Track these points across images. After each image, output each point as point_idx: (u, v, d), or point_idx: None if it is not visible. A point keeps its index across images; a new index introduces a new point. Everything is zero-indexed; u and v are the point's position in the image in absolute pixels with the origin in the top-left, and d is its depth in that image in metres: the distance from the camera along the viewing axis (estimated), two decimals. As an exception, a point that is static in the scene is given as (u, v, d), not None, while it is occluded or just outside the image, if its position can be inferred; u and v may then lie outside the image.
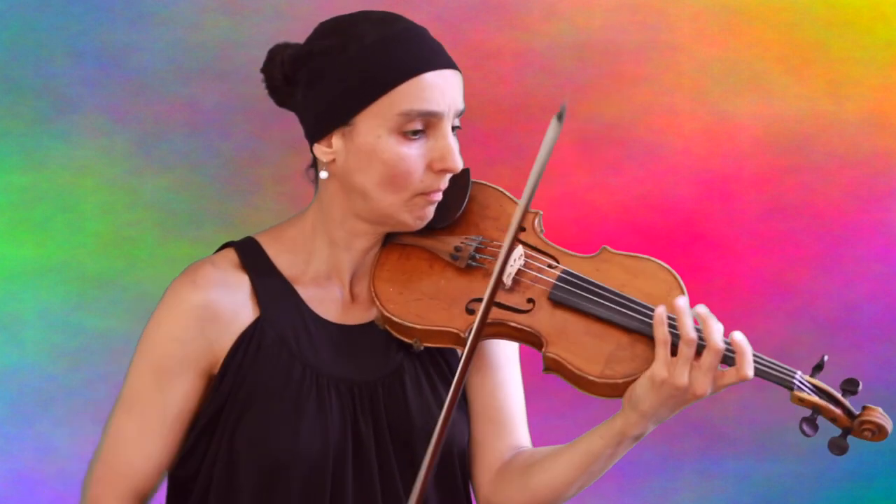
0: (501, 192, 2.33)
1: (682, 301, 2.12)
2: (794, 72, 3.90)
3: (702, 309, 2.12)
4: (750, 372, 2.10)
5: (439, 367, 2.31)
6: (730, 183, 3.92)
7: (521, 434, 2.35)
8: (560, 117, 1.99)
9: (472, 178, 2.33)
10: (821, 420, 2.15)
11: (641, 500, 3.90)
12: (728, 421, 3.90)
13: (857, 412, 2.15)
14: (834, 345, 3.87)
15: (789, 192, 3.92)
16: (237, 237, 2.33)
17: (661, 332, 2.11)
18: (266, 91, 2.28)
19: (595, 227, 3.87)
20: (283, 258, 2.28)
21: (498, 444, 2.33)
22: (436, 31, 2.27)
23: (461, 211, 2.29)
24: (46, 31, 3.71)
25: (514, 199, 2.32)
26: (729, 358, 2.12)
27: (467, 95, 2.25)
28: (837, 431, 2.15)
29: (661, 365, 2.11)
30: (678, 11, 3.88)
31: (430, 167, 2.20)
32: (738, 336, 2.11)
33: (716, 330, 2.10)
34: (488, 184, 2.34)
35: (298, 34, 2.30)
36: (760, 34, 3.90)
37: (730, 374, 2.12)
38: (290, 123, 2.30)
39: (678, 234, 3.90)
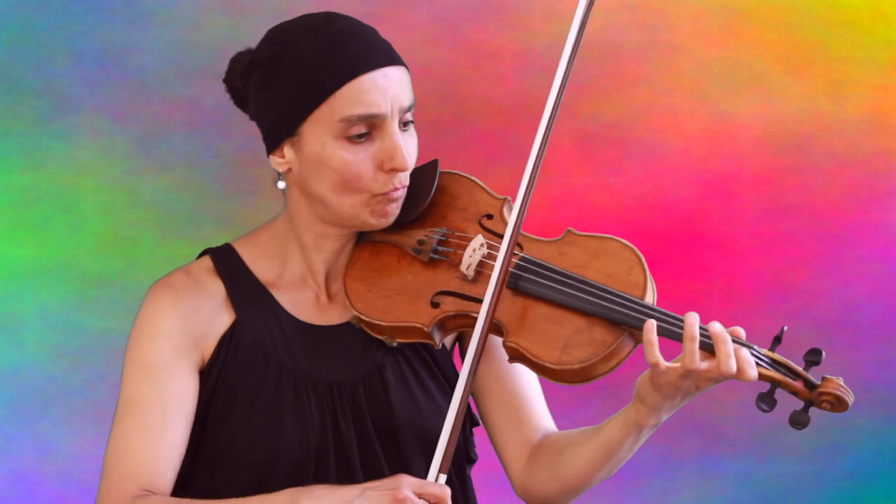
0: (473, 181, 2.32)
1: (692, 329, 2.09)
2: (794, 72, 3.90)
3: (716, 327, 2.09)
4: (753, 374, 2.08)
5: (424, 360, 2.31)
6: (730, 183, 3.92)
7: (541, 416, 2.35)
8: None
9: (445, 169, 2.32)
10: (782, 394, 2.10)
11: (641, 500, 3.90)
12: (728, 421, 3.89)
13: (817, 383, 2.11)
14: (834, 345, 3.87)
15: (789, 192, 3.92)
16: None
17: (651, 353, 2.09)
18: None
19: (595, 227, 3.86)
20: (258, 263, 2.29)
21: (521, 430, 2.33)
22: (436, 31, 2.27)
23: (426, 204, 2.29)
24: (46, 31, 3.71)
25: (486, 187, 2.31)
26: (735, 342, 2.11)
27: (467, 95, 2.25)
28: (798, 405, 2.10)
29: (656, 373, 2.10)
30: (678, 11, 3.88)
31: (380, 168, 2.20)
32: (720, 330, 2.08)
33: (729, 355, 2.07)
34: (461, 173, 2.34)
35: (298, 34, 2.29)
36: (760, 34, 3.90)
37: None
38: (290, 123, 2.29)
39: (678, 234, 3.90)
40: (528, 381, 2.36)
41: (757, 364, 2.11)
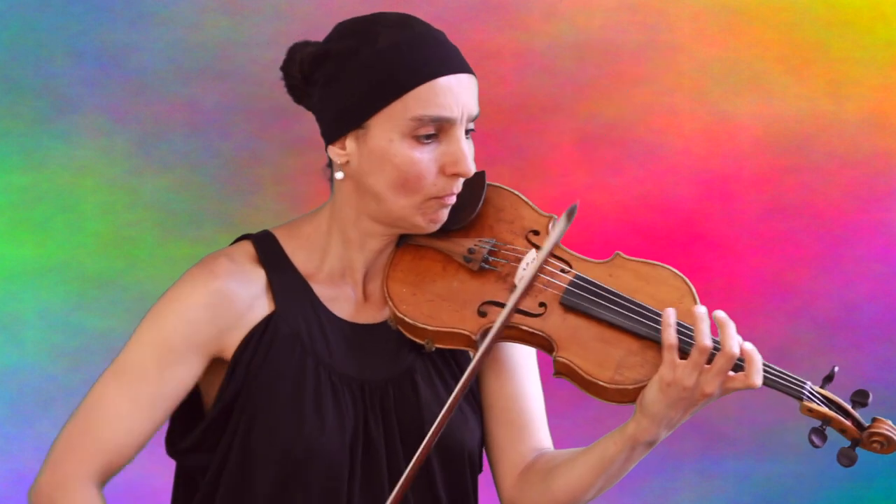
0: (518, 195, 2.34)
1: (700, 310, 2.13)
2: (794, 72, 3.90)
3: (720, 314, 2.13)
4: (758, 380, 2.11)
5: (450, 367, 2.31)
6: (730, 183, 3.92)
7: (541, 436, 2.35)
8: (570, 215, 2.02)
9: (489, 181, 2.33)
10: (829, 431, 2.14)
11: (641, 500, 3.90)
12: (728, 421, 3.89)
13: (866, 424, 2.15)
14: (834, 345, 3.87)
15: (789, 192, 3.92)
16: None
17: (668, 335, 2.12)
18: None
19: (595, 227, 3.87)
20: (298, 254, 2.28)
21: (519, 447, 2.34)
22: (436, 32, 2.27)
23: (475, 213, 2.30)
24: (46, 31, 3.71)
25: (532, 203, 2.33)
26: (738, 365, 2.13)
27: (468, 96, 2.25)
28: (845, 442, 2.14)
29: (668, 368, 2.12)
30: (678, 11, 3.88)
31: (442, 171, 2.21)
32: (749, 346, 2.11)
33: (733, 336, 2.11)
34: (505, 187, 2.35)
35: (298, 34, 2.30)
36: (760, 34, 3.90)
37: (738, 379, 2.12)
38: (289, 123, 2.30)
39: (678, 234, 3.90)
40: (534, 400, 2.37)
41: (810, 400, 2.14)
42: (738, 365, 2.13)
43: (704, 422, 3.88)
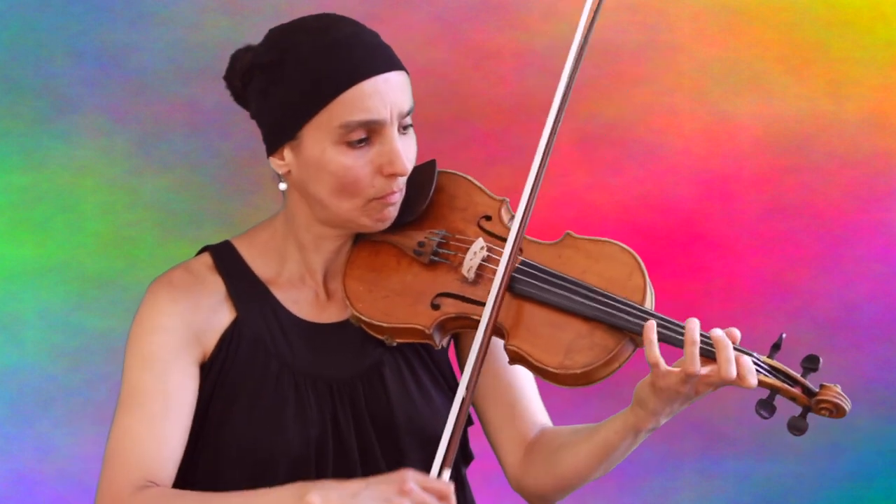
0: (471, 181, 2.35)
1: (693, 335, 2.10)
2: (794, 72, 3.90)
3: (718, 333, 2.11)
4: (754, 382, 2.11)
5: (422, 358, 2.34)
6: (730, 183, 3.92)
7: (535, 412, 2.37)
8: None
9: (443, 168, 2.34)
10: (781, 400, 2.14)
11: (641, 500, 3.90)
12: (728, 421, 3.89)
13: (815, 390, 2.14)
14: (834, 345, 3.87)
15: (789, 192, 3.92)
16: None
17: (651, 353, 2.11)
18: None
19: (595, 227, 3.87)
20: (257, 261, 2.32)
21: (516, 425, 2.35)
22: (436, 31, 2.27)
23: (426, 205, 2.31)
24: (46, 31, 3.71)
25: (484, 188, 2.33)
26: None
27: (468, 95, 2.25)
28: (798, 410, 2.14)
29: (659, 378, 2.11)
30: (678, 11, 3.88)
31: (379, 172, 2.22)
32: (745, 360, 2.10)
33: (730, 360, 2.09)
34: (458, 173, 2.36)
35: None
36: (760, 34, 3.90)
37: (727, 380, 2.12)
38: (289, 123, 2.30)
39: (678, 234, 3.90)
40: (523, 377, 2.38)
41: (756, 371, 2.13)
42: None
43: (704, 422, 3.88)
